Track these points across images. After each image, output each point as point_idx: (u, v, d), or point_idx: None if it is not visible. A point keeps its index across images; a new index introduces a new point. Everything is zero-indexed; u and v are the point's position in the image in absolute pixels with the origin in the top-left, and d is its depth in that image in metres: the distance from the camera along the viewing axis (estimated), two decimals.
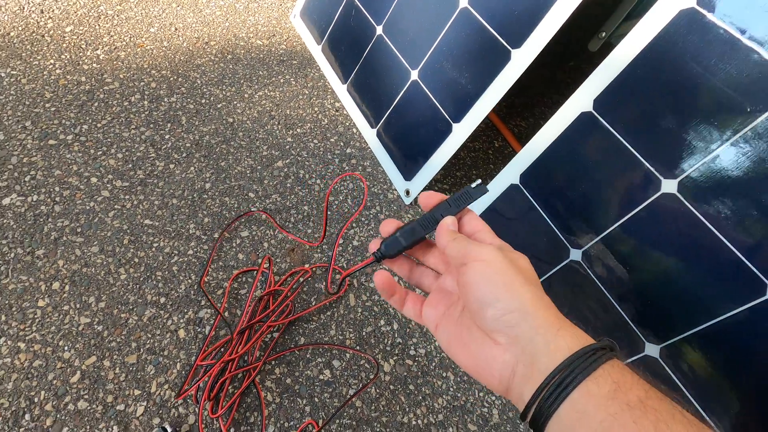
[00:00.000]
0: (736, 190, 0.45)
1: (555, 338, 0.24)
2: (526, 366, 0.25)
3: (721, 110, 0.45)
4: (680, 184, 0.49)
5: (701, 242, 0.47)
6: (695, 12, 0.46)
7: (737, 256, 0.45)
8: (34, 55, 0.86)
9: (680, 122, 0.48)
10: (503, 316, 0.26)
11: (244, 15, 1.07)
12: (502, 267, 0.27)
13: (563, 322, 0.26)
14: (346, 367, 0.61)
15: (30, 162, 0.71)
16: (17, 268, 0.61)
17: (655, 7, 0.49)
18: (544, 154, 0.62)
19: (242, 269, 0.66)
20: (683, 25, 0.47)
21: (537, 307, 0.25)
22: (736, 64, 0.44)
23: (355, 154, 0.86)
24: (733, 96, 0.44)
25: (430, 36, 0.74)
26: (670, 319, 0.51)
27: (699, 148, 0.47)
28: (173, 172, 0.75)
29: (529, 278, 0.27)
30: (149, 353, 0.57)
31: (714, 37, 0.45)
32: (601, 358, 0.23)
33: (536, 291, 0.26)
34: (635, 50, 0.51)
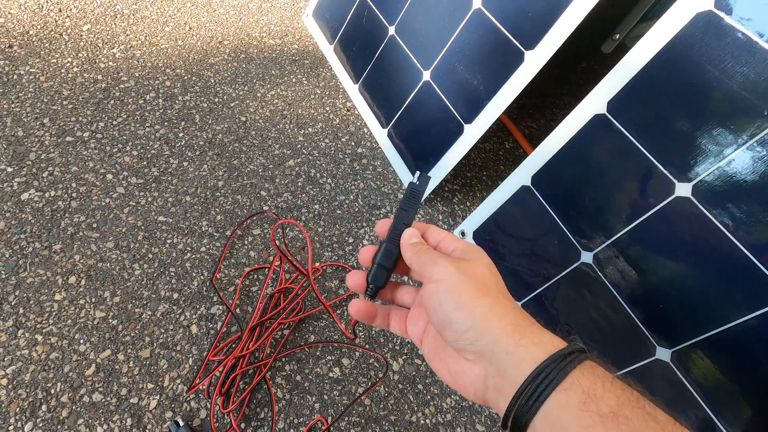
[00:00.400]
0: (751, 195, 0.45)
1: (517, 348, 0.24)
2: (496, 377, 0.25)
3: (737, 114, 0.45)
4: (694, 187, 0.48)
5: (715, 247, 0.47)
6: (712, 15, 0.46)
7: (752, 260, 0.45)
8: (52, 53, 0.87)
9: (695, 125, 0.48)
10: (460, 336, 0.26)
11: (257, 15, 1.07)
12: (453, 285, 0.27)
13: (524, 329, 0.25)
14: (355, 366, 0.62)
15: (48, 158, 0.72)
16: (35, 262, 0.62)
17: (672, 9, 0.48)
18: (556, 155, 0.61)
19: (254, 267, 0.67)
20: (700, 28, 0.47)
21: (489, 320, 0.25)
22: (753, 67, 0.43)
23: (366, 154, 0.86)
24: (750, 99, 0.44)
25: (443, 37, 0.74)
26: (682, 323, 0.51)
27: (714, 152, 0.47)
28: (187, 169, 0.76)
29: (485, 289, 0.27)
30: (162, 348, 0.58)
31: (731, 40, 0.45)
32: (568, 366, 0.23)
33: (489, 303, 0.26)
34: (651, 52, 0.51)
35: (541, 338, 0.25)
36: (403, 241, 0.31)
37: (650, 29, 0.51)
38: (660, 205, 0.51)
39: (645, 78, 0.51)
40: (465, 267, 0.28)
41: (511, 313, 0.26)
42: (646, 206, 0.52)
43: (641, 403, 0.22)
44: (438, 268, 0.28)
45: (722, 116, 0.46)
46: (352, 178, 0.82)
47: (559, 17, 0.58)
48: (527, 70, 0.63)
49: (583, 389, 0.22)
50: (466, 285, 0.26)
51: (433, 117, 0.76)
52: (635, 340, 0.55)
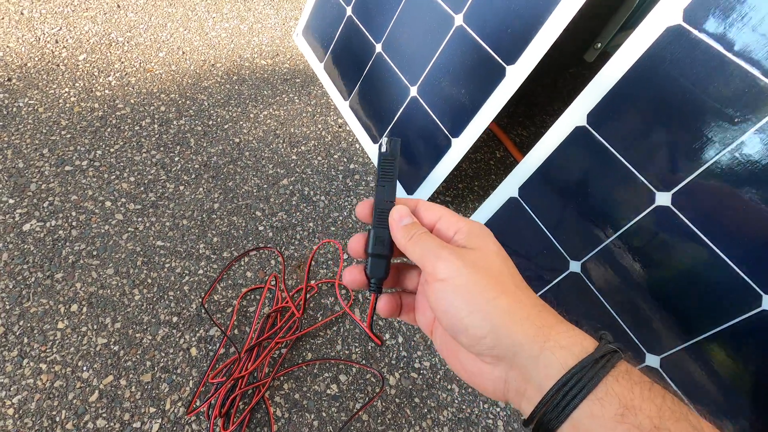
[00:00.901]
0: (728, 203, 0.46)
1: (542, 352, 0.22)
2: (518, 381, 0.23)
3: (710, 124, 0.46)
4: (674, 196, 0.49)
5: (696, 254, 0.48)
6: (682, 29, 0.47)
7: (732, 268, 0.46)
8: (50, 84, 0.90)
9: (671, 136, 0.49)
10: (477, 342, 0.23)
11: (249, 36, 1.10)
12: (463, 284, 0.23)
13: (549, 330, 0.23)
14: (352, 382, 0.63)
15: (48, 188, 0.74)
16: (38, 291, 0.64)
17: (643, 24, 0.50)
18: (541, 167, 0.63)
19: (250, 287, 0.69)
20: (671, 42, 0.48)
21: (509, 323, 0.23)
22: (722, 78, 0.44)
23: (358, 170, 0.88)
24: (721, 110, 0.45)
25: (428, 53, 0.76)
26: (669, 330, 0.51)
27: (691, 162, 0.48)
28: (183, 193, 0.78)
29: (500, 285, 0.24)
30: (163, 371, 0.60)
31: (701, 53, 0.46)
32: (600, 372, 0.21)
33: (508, 303, 0.23)
34: (625, 66, 0.52)
35: (569, 339, 0.22)
36: (392, 223, 0.27)
37: (624, 43, 0.52)
38: (642, 214, 0.52)
39: (621, 91, 0.53)
40: (473, 259, 0.24)
41: (533, 312, 0.23)
42: (630, 216, 0.53)
43: (684, 412, 0.20)
44: (442, 264, 0.24)
45: (697, 127, 0.47)
46: (345, 195, 0.83)
47: (537, 33, 0.60)
48: (509, 84, 0.64)
49: (620, 399, 0.20)
50: (479, 283, 0.23)
51: (422, 132, 0.78)
52: (626, 346, 0.56)
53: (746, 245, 0.45)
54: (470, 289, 0.23)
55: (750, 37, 0.43)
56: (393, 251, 0.29)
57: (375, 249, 0.28)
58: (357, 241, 0.29)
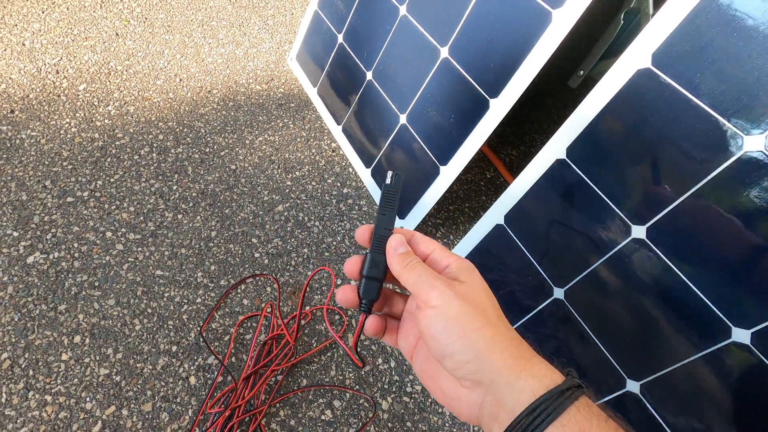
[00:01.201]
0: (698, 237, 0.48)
1: (517, 381, 0.25)
2: (493, 405, 0.26)
3: (679, 163, 0.48)
4: (648, 230, 0.52)
5: (670, 286, 0.50)
6: (651, 72, 0.49)
7: (704, 300, 0.48)
8: (51, 115, 0.92)
9: (644, 172, 0.51)
10: (461, 366, 0.26)
11: (244, 61, 1.12)
12: (453, 314, 0.26)
13: (525, 362, 0.25)
14: (346, 407, 0.65)
15: (51, 220, 0.77)
16: (42, 323, 0.66)
17: (616, 65, 0.52)
18: (525, 196, 0.65)
19: (247, 315, 0.71)
20: (641, 84, 0.50)
21: (492, 352, 0.25)
22: (689, 121, 0.47)
23: (352, 194, 0.90)
24: (689, 151, 0.47)
25: (416, 83, 0.78)
26: (648, 357, 0.53)
27: (662, 198, 0.50)
28: (181, 222, 0.80)
29: (485, 318, 0.26)
30: (163, 401, 0.62)
31: (669, 96, 0.48)
32: (566, 401, 0.23)
33: (492, 334, 0.26)
34: (601, 103, 0.54)
35: (540, 371, 0.25)
36: (389, 250, 0.30)
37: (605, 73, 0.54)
38: (619, 246, 0.54)
39: (597, 127, 0.55)
40: (463, 291, 0.27)
41: (513, 344, 0.26)
42: (608, 247, 0.56)
43: None
44: (435, 293, 0.27)
45: (667, 165, 0.49)
46: (338, 219, 0.86)
47: (518, 69, 0.62)
48: (493, 116, 0.66)
49: (579, 427, 0.23)
50: (467, 314, 0.26)
51: (412, 158, 0.80)
52: (608, 372, 0.58)
53: (716, 278, 0.47)
54: (459, 319, 0.26)
55: (714, 83, 0.45)
56: (386, 276, 0.31)
57: (370, 272, 0.30)
58: (353, 262, 0.31)
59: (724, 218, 0.46)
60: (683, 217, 0.49)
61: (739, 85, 0.43)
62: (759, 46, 0.42)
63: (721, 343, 0.46)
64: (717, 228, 0.47)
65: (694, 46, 0.46)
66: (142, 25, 1.14)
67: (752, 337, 0.45)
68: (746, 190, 0.44)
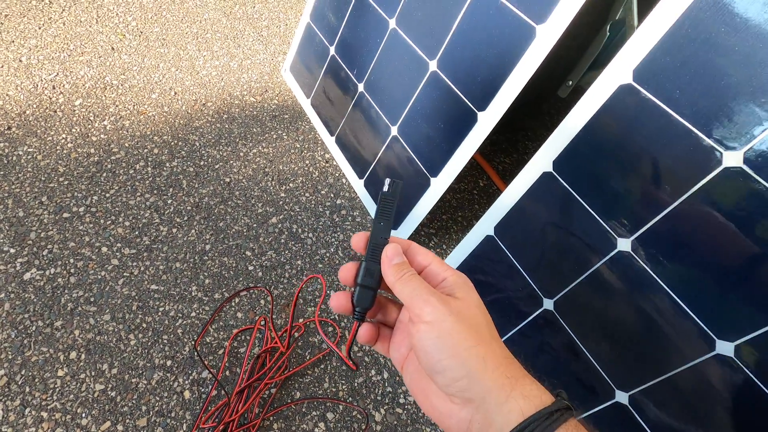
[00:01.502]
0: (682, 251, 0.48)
1: (507, 400, 0.25)
2: (482, 424, 0.26)
3: (662, 178, 0.49)
4: (633, 242, 0.52)
5: (655, 298, 0.51)
6: (632, 87, 0.50)
7: (688, 313, 0.48)
8: (47, 131, 0.93)
9: (628, 186, 0.52)
10: (452, 383, 0.26)
11: (238, 73, 1.13)
12: (446, 330, 0.26)
13: (515, 381, 0.26)
14: (339, 419, 0.65)
15: (47, 236, 0.78)
16: (38, 340, 0.67)
17: (598, 81, 0.53)
18: (514, 208, 0.65)
19: (240, 328, 0.72)
20: (623, 99, 0.51)
21: (484, 370, 0.25)
22: (670, 136, 0.47)
23: (345, 205, 0.91)
24: (671, 165, 0.48)
25: (406, 95, 0.79)
26: (636, 369, 0.54)
27: (647, 211, 0.50)
28: (176, 236, 0.81)
29: (478, 335, 0.27)
30: (158, 416, 0.63)
31: (650, 111, 0.49)
32: (554, 423, 0.24)
33: (484, 352, 0.26)
34: (585, 118, 0.55)
35: (531, 391, 0.25)
36: (384, 260, 0.30)
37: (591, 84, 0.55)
38: (605, 258, 0.55)
39: (582, 141, 0.55)
40: (458, 308, 0.27)
41: (504, 363, 0.26)
42: (594, 259, 0.56)
43: None
44: (429, 308, 0.27)
45: (649, 179, 0.50)
46: (332, 231, 0.86)
47: (505, 82, 0.63)
48: (481, 129, 0.67)
49: None
50: (461, 331, 0.26)
51: (403, 169, 0.81)
52: (597, 383, 0.58)
53: (700, 291, 0.47)
54: (452, 336, 0.26)
55: (693, 98, 0.46)
56: (380, 285, 0.31)
57: (364, 280, 0.30)
58: (348, 269, 0.31)
59: (707, 231, 0.46)
60: (667, 230, 0.49)
61: (718, 101, 0.44)
62: (736, 62, 0.43)
63: (706, 356, 0.47)
64: (700, 241, 0.47)
65: (674, 61, 0.46)
66: (138, 39, 1.16)
67: (735, 350, 0.45)
68: (727, 204, 0.45)
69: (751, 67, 0.42)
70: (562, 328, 0.61)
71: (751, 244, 0.43)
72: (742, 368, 0.45)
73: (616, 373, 0.56)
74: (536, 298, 0.64)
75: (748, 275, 0.44)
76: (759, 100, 0.42)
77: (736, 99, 0.43)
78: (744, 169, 0.43)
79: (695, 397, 0.48)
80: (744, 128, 0.43)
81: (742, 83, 0.43)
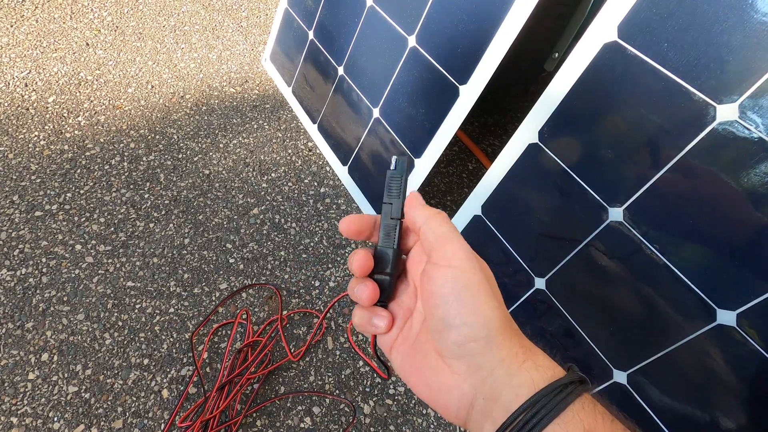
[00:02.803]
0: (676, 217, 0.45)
1: (519, 371, 0.22)
2: (487, 400, 0.23)
3: (652, 139, 0.46)
4: (625, 211, 0.49)
5: (650, 269, 0.48)
6: (618, 45, 0.47)
7: (686, 282, 0.45)
8: (19, 129, 0.90)
9: (617, 151, 0.49)
10: (467, 342, 0.23)
11: (217, 64, 1.10)
12: (472, 280, 0.23)
13: (528, 351, 0.23)
14: (326, 413, 0.62)
15: (18, 236, 0.75)
16: (8, 343, 0.64)
17: (582, 41, 0.49)
18: (500, 185, 0.62)
19: (222, 323, 0.68)
20: (609, 58, 0.48)
21: (503, 335, 0.23)
22: (659, 93, 0.44)
23: (329, 193, 0.88)
24: (660, 125, 0.45)
25: (386, 74, 0.76)
26: (633, 345, 0.51)
27: (637, 177, 0.47)
28: (153, 231, 0.78)
29: (495, 293, 0.24)
30: (134, 416, 0.60)
31: (637, 68, 0.45)
32: (569, 397, 0.21)
33: (503, 313, 0.24)
34: (569, 83, 0.52)
35: (545, 362, 0.23)
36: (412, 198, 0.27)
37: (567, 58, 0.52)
38: (597, 230, 0.52)
39: (567, 108, 0.52)
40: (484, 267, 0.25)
41: (518, 332, 0.24)
42: (586, 231, 0.53)
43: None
44: (462, 254, 0.24)
45: (639, 142, 0.47)
46: (316, 220, 0.83)
47: (485, 52, 0.60)
48: (463, 104, 0.64)
49: (585, 425, 0.21)
50: (483, 284, 0.24)
51: (387, 152, 0.78)
52: (594, 363, 0.55)
53: (697, 259, 0.44)
54: (481, 291, 0.23)
55: (682, 51, 0.42)
56: (397, 270, 0.28)
57: (380, 268, 0.27)
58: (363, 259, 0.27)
59: (703, 195, 0.43)
60: (661, 196, 0.46)
61: (708, 52, 0.41)
62: (726, 8, 0.40)
63: (707, 327, 0.44)
64: (696, 206, 0.44)
65: (660, 13, 0.43)
66: (113, 34, 1.12)
67: (738, 318, 0.42)
68: (723, 163, 0.42)
69: (741, 10, 0.39)
70: (554, 308, 0.58)
71: (749, 205, 0.40)
72: (745, 337, 0.42)
73: (613, 351, 0.53)
74: (527, 278, 0.61)
75: (748, 239, 0.41)
76: (751, 47, 0.38)
77: (727, 48, 0.40)
78: (739, 121, 0.40)
79: (697, 371, 0.45)
80: (737, 78, 0.39)
81: (733, 29, 0.39)
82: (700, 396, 0.46)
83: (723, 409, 0.44)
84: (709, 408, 0.46)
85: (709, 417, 0.46)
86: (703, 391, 0.46)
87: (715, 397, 0.45)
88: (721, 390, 0.44)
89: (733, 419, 0.44)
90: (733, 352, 0.42)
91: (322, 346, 0.68)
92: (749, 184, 0.40)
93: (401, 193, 0.28)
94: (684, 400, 0.47)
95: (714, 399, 0.45)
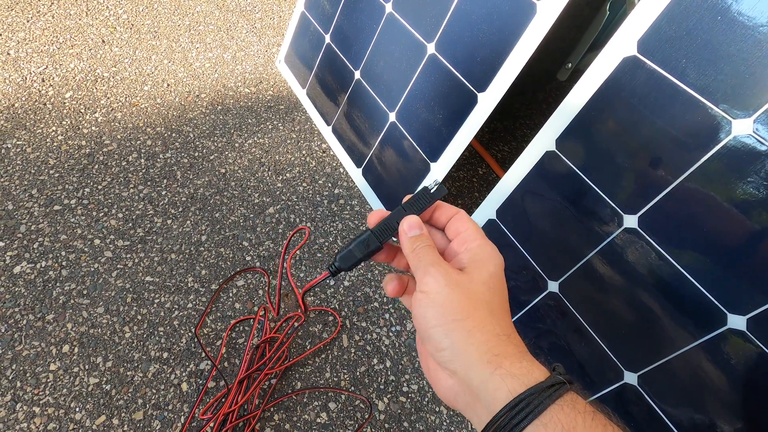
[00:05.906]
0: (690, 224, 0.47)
1: (491, 378, 0.24)
2: (469, 397, 0.26)
3: (669, 150, 0.48)
4: (640, 219, 0.51)
5: (663, 275, 0.50)
6: (637, 59, 0.49)
7: (698, 287, 0.47)
8: (37, 123, 0.91)
9: (634, 161, 0.51)
10: (438, 352, 0.26)
11: (232, 65, 1.12)
12: (439, 301, 0.26)
13: (503, 359, 0.24)
14: (342, 409, 0.64)
15: (37, 229, 0.76)
16: (29, 334, 0.65)
17: (602, 54, 0.52)
18: (516, 190, 0.64)
19: (239, 318, 0.70)
20: (628, 71, 0.50)
21: (466, 345, 0.25)
22: (677, 107, 0.46)
23: (343, 194, 0.89)
24: (677, 137, 0.47)
25: (404, 80, 0.78)
26: (644, 348, 0.53)
27: (653, 186, 0.49)
28: (171, 227, 0.79)
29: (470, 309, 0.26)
30: (155, 408, 0.61)
31: (656, 83, 0.48)
32: (547, 399, 0.22)
33: (470, 326, 0.25)
34: (588, 93, 0.54)
35: (521, 369, 0.24)
36: (401, 232, 0.30)
37: (589, 66, 0.54)
38: (612, 236, 0.54)
39: (585, 118, 0.54)
40: (459, 281, 0.27)
41: (493, 340, 0.25)
42: (601, 237, 0.55)
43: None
44: (428, 279, 0.27)
45: (656, 152, 0.49)
46: (330, 220, 0.85)
47: (504, 62, 0.62)
48: (481, 111, 0.66)
49: (563, 426, 0.22)
50: (452, 303, 0.26)
51: (402, 156, 0.79)
52: (605, 365, 0.57)
53: (709, 265, 0.46)
54: (444, 306, 0.26)
55: (701, 67, 0.45)
56: (365, 259, 0.32)
57: (357, 246, 0.31)
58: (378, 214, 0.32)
59: (716, 204, 0.45)
60: (675, 205, 0.48)
61: (726, 69, 0.43)
62: (744, 29, 0.42)
63: (717, 331, 0.46)
64: (709, 214, 0.46)
65: (680, 30, 0.45)
66: (129, 32, 1.14)
67: (748, 323, 0.44)
68: (737, 175, 0.44)
69: (757, 31, 0.41)
70: (567, 311, 0.60)
71: (762, 214, 0.42)
72: (756, 341, 0.44)
73: (625, 353, 0.55)
74: (541, 281, 0.62)
75: (758, 247, 0.43)
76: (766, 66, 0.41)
77: (744, 66, 0.42)
78: (754, 135, 0.42)
79: (708, 373, 0.47)
80: (752, 95, 0.42)
81: (749, 50, 0.42)
82: (708, 399, 0.48)
83: (732, 412, 0.46)
84: (718, 410, 0.48)
85: (717, 419, 0.48)
86: (711, 393, 0.48)
87: (723, 400, 0.47)
88: (729, 393, 0.46)
89: (741, 422, 0.46)
90: (743, 356, 0.44)
91: (337, 344, 0.70)
92: (760, 194, 0.42)
93: (419, 212, 0.31)
94: (693, 402, 0.49)
95: (722, 401, 0.47)
